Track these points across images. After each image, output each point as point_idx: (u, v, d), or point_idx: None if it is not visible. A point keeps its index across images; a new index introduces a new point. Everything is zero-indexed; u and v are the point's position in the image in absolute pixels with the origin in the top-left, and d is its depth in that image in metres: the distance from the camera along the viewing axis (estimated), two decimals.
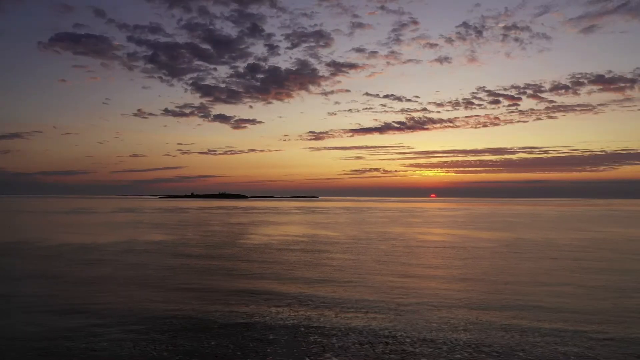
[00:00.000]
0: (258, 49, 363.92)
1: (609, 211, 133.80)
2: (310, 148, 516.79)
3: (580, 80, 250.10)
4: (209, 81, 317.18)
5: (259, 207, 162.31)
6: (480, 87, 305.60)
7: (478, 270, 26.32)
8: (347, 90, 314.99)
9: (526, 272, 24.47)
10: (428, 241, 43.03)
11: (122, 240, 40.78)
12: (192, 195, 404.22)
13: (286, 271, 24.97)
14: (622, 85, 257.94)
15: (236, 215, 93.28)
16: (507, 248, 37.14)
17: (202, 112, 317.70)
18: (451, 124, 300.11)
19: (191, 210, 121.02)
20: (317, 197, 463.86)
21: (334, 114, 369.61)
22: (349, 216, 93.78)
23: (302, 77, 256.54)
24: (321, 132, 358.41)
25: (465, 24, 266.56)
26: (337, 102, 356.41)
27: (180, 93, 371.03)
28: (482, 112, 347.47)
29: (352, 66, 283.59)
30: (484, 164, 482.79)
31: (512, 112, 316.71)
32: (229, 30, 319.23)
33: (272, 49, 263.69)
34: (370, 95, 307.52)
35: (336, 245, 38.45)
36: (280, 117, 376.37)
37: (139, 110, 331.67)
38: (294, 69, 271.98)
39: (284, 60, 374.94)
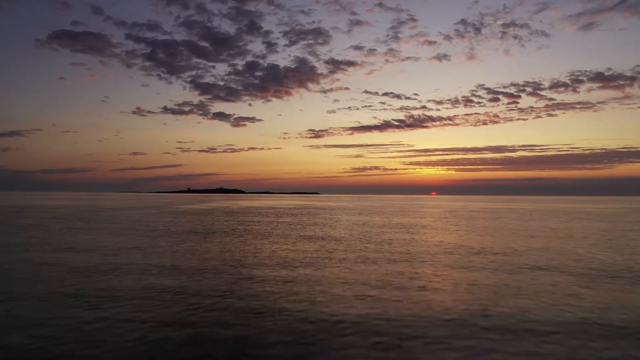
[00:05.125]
0: (256, 46, 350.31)
1: None
2: (310, 146, 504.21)
3: (580, 77, 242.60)
4: (208, 79, 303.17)
5: (253, 197, 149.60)
6: (480, 85, 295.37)
7: None
8: (346, 88, 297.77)
9: None
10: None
11: None
12: (189, 191, 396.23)
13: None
14: (622, 82, 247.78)
15: (219, 201, 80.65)
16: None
17: (201, 110, 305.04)
18: (451, 122, 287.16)
19: (172, 198, 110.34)
20: (317, 194, 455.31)
21: (333, 112, 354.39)
22: (362, 202, 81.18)
23: (301, 74, 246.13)
24: (321, 130, 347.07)
25: (463, 21, 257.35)
26: (336, 100, 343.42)
27: (179, 91, 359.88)
28: (481, 110, 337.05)
29: (351, 64, 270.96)
30: (484, 162, 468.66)
31: (512, 109, 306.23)
32: (227, 27, 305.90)
33: (271, 46, 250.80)
34: (369, 93, 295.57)
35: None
36: (280, 115, 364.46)
37: (137, 108, 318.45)
38: (292, 66, 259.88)
39: (283, 58, 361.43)
